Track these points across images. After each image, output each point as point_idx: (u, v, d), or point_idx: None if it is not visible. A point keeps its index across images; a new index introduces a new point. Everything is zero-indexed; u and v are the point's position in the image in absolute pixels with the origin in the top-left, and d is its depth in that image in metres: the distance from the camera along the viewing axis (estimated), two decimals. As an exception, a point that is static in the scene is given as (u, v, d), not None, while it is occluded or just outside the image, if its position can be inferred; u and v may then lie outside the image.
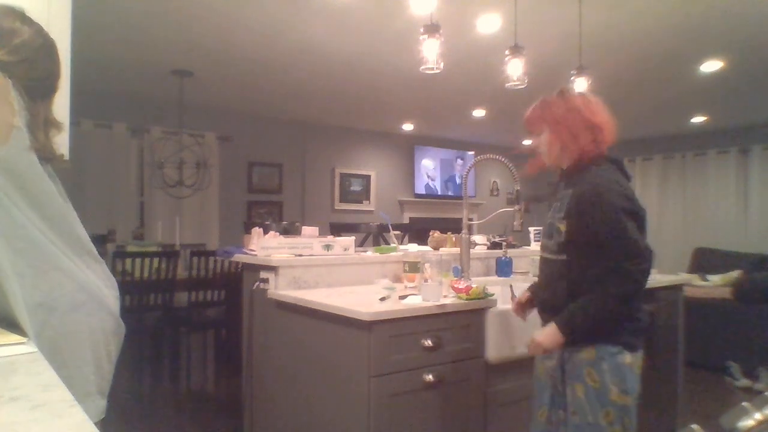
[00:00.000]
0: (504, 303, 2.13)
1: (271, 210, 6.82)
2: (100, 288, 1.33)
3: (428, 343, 1.90)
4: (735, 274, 5.14)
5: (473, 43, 3.97)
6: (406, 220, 7.79)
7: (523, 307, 1.97)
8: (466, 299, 2.04)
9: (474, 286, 2.11)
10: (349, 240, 2.63)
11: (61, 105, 1.81)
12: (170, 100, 5.49)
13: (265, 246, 2.44)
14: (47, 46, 1.35)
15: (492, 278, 2.82)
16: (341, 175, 7.44)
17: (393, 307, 1.88)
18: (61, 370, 0.97)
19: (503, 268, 2.89)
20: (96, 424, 0.65)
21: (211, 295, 4.54)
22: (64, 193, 1.37)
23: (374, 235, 3.97)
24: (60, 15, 1.79)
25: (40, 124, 1.29)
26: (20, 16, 1.33)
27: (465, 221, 2.60)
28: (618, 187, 1.68)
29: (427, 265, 2.04)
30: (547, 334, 1.67)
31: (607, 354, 1.62)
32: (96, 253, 1.41)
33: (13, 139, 1.18)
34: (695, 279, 5.25)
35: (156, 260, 4.21)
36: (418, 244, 3.19)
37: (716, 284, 5.07)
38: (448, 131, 7.81)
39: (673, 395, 3.05)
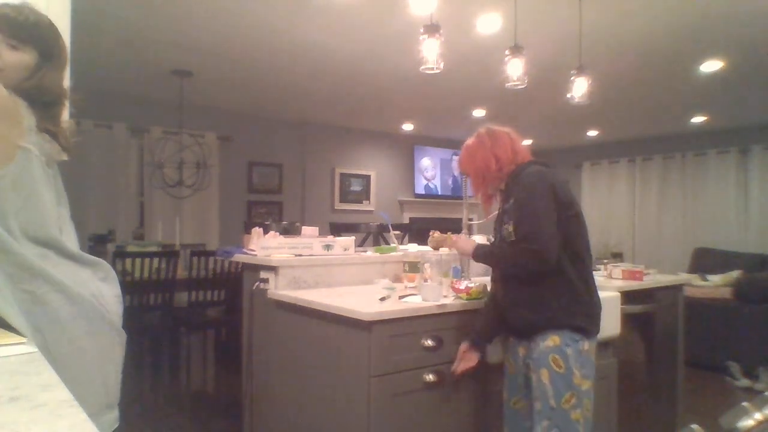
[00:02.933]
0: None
1: (271, 210, 6.81)
2: (103, 305, 1.34)
3: (428, 343, 1.90)
4: (735, 274, 5.14)
5: (473, 43, 3.97)
6: (406, 220, 7.78)
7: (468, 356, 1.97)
8: (466, 299, 2.04)
9: (474, 286, 2.11)
10: (349, 240, 2.63)
11: (61, 105, 1.80)
12: (170, 100, 5.49)
13: (265, 246, 2.44)
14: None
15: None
16: (341, 175, 7.44)
17: (393, 307, 1.88)
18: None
19: (503, 268, 2.89)
20: None
21: (211, 295, 4.54)
22: (65, 198, 1.38)
23: (374, 235, 3.97)
24: (59, 15, 1.79)
25: (48, 132, 1.30)
26: (24, 10, 1.34)
27: (465, 221, 2.60)
28: (545, 176, 1.84)
29: (427, 265, 2.04)
30: (465, 242, 2.06)
31: (570, 340, 1.78)
32: (104, 265, 1.42)
33: (19, 159, 1.21)
34: (695, 279, 5.24)
35: (156, 260, 4.21)
36: (418, 244, 3.19)
37: (716, 284, 5.07)
38: (448, 131, 7.81)
39: (673, 395, 3.05)
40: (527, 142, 7.03)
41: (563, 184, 1.88)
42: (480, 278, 2.71)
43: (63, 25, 1.79)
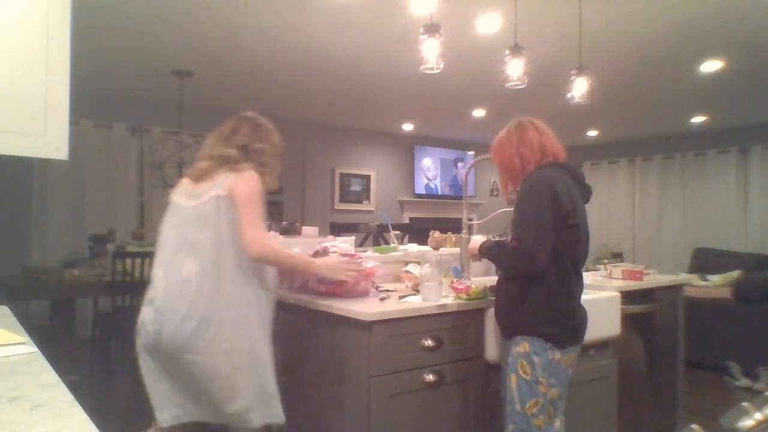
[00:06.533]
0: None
1: (271, 210, 6.81)
2: None
3: (428, 343, 1.90)
4: (735, 274, 5.14)
5: (473, 43, 3.97)
6: (406, 220, 7.78)
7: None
8: (466, 299, 2.04)
9: (474, 286, 2.11)
10: (349, 240, 2.63)
11: (61, 105, 1.81)
12: (170, 100, 5.49)
13: (265, 246, 2.43)
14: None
15: (492, 278, 2.81)
16: (341, 175, 7.44)
17: (393, 307, 1.88)
18: None
19: (503, 268, 2.89)
20: None
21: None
22: None
23: (374, 235, 3.97)
24: (60, 15, 1.78)
25: None
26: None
27: (465, 221, 2.60)
28: (548, 180, 1.82)
29: (427, 265, 2.04)
30: (473, 244, 2.09)
31: (540, 349, 1.79)
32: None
33: None
34: (695, 279, 5.24)
35: (156, 260, 4.21)
36: (418, 244, 3.19)
37: (716, 284, 5.07)
38: (448, 131, 7.81)
39: (673, 395, 3.05)
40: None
41: (569, 192, 1.84)
42: (480, 278, 2.71)
43: (63, 25, 1.79)
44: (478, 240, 2.13)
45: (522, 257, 1.76)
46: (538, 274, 1.77)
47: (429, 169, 8.17)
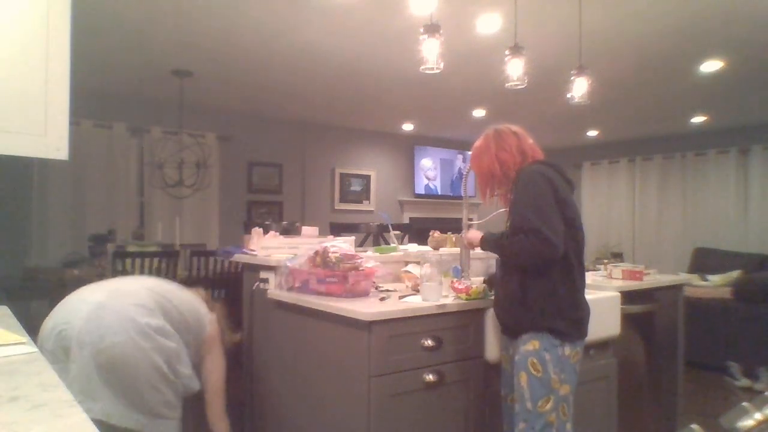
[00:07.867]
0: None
1: (271, 210, 6.81)
2: None
3: (428, 343, 1.90)
4: (735, 274, 5.14)
5: (473, 43, 3.97)
6: (406, 220, 7.78)
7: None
8: (466, 299, 2.04)
9: (474, 286, 2.11)
10: (349, 240, 2.63)
11: (61, 105, 1.81)
12: (170, 100, 5.49)
13: (265, 246, 2.44)
14: None
15: (492, 278, 2.82)
16: (341, 175, 7.44)
17: (393, 307, 1.88)
18: None
19: (503, 268, 2.88)
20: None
21: (211, 295, 4.53)
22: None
23: (374, 235, 3.97)
24: (60, 15, 1.78)
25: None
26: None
27: (465, 221, 2.60)
28: (545, 172, 1.84)
29: (427, 265, 2.04)
30: (475, 235, 2.09)
31: (550, 345, 1.78)
32: None
33: None
34: (695, 279, 5.24)
35: (156, 260, 4.21)
36: (418, 244, 3.19)
37: (716, 284, 5.07)
38: (448, 131, 7.81)
39: (673, 395, 3.05)
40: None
41: (564, 186, 1.87)
42: (480, 278, 2.71)
43: (63, 25, 1.79)
44: (478, 232, 2.11)
45: (542, 243, 1.71)
46: (556, 260, 1.75)
47: (429, 169, 8.16)
